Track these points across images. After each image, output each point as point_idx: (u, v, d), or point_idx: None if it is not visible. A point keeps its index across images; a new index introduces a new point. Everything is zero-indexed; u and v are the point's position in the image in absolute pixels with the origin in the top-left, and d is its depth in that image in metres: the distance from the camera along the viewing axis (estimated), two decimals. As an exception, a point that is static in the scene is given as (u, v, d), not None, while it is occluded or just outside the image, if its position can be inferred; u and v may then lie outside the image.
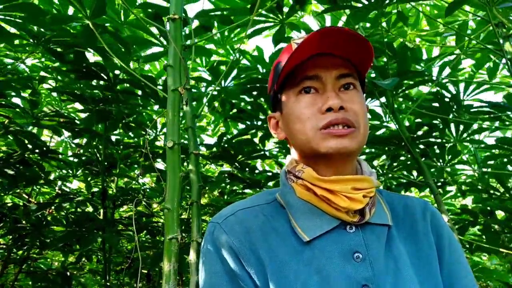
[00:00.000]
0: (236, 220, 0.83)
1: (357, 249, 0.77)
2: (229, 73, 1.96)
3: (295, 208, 0.82)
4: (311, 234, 0.78)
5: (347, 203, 0.77)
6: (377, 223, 0.81)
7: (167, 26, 1.28)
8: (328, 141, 0.78)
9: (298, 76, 0.83)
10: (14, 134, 2.08)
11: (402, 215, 0.88)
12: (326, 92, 0.81)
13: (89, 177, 2.72)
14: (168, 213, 1.16)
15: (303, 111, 0.81)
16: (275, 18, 1.66)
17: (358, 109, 0.81)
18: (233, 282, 0.78)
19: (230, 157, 2.37)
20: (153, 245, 2.79)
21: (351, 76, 0.83)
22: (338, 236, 0.78)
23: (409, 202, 0.91)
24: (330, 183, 0.79)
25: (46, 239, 2.35)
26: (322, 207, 0.80)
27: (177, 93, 1.24)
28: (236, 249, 0.79)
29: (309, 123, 0.80)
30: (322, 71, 0.82)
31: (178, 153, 1.22)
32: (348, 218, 0.78)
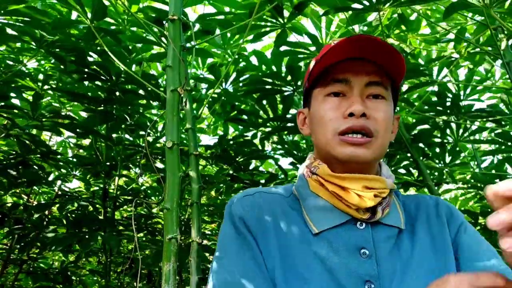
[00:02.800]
0: (253, 200, 0.87)
1: (365, 246, 0.78)
2: (230, 75, 1.97)
3: (308, 201, 0.85)
4: (321, 226, 0.80)
5: (358, 201, 0.78)
6: (388, 224, 0.82)
7: (167, 27, 1.29)
8: (344, 148, 0.80)
9: (328, 77, 0.84)
10: (16, 137, 2.09)
11: (415, 213, 0.88)
12: (352, 97, 0.82)
13: (88, 176, 2.73)
14: (167, 213, 1.17)
15: (327, 113, 0.83)
16: (276, 22, 1.67)
17: (381, 119, 0.81)
18: (242, 246, 0.81)
19: (230, 158, 2.38)
20: (153, 245, 2.80)
21: (381, 85, 0.83)
22: (347, 231, 0.80)
23: (421, 200, 0.92)
24: (342, 180, 0.81)
25: (47, 239, 2.36)
26: (334, 202, 0.82)
27: (176, 94, 1.25)
28: (247, 223, 0.83)
29: (330, 126, 0.82)
30: (352, 75, 0.83)
31: (177, 153, 1.23)
32: (358, 215, 0.79)
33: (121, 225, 2.69)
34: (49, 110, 2.15)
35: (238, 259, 0.79)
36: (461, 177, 2.83)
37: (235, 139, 2.38)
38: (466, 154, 2.88)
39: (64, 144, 2.96)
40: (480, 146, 3.03)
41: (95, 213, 2.60)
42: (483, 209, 2.55)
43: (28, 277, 2.83)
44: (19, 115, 2.08)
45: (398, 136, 2.10)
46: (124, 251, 3.16)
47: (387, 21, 1.98)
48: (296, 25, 1.72)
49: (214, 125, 2.72)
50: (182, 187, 2.48)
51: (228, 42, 2.02)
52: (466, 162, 2.78)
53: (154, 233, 2.79)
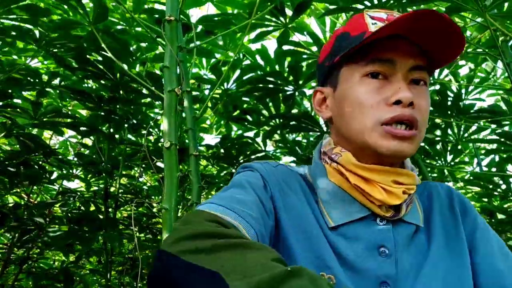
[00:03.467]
0: (276, 170, 0.80)
1: (385, 244, 0.72)
2: (232, 74, 1.97)
3: (325, 191, 0.76)
4: (338, 220, 0.73)
5: (383, 196, 0.71)
6: (408, 222, 0.75)
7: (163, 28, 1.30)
8: (388, 141, 0.70)
9: (369, 55, 0.73)
10: (17, 137, 2.10)
11: (428, 205, 0.81)
12: (397, 82, 0.71)
13: (89, 176, 2.73)
14: (165, 213, 1.18)
15: (366, 96, 0.72)
16: (278, 22, 1.67)
17: (426, 108, 0.73)
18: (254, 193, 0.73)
19: (231, 158, 2.38)
20: (154, 245, 2.81)
21: (426, 70, 0.74)
22: (366, 227, 0.73)
23: (433, 189, 0.84)
24: (370, 171, 0.73)
25: (49, 239, 2.36)
26: (354, 195, 0.74)
27: (174, 94, 1.25)
28: (268, 184, 0.76)
29: (371, 113, 0.71)
30: (398, 56, 0.72)
31: (175, 153, 1.23)
32: (380, 212, 0.72)
33: (122, 225, 2.70)
34: (50, 109, 2.15)
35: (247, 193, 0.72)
36: (461, 176, 2.83)
37: (237, 139, 2.38)
38: (467, 154, 2.88)
39: (66, 144, 2.96)
40: (480, 146, 3.02)
41: (96, 212, 2.60)
42: (484, 208, 2.54)
43: (28, 277, 2.83)
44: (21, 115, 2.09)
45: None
46: (125, 250, 3.16)
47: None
48: (299, 25, 1.72)
49: (217, 124, 2.73)
50: (184, 186, 2.48)
51: (230, 42, 2.03)
52: (467, 161, 2.78)
53: (156, 233, 2.79)
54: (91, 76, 1.93)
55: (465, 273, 0.73)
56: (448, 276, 0.71)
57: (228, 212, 0.64)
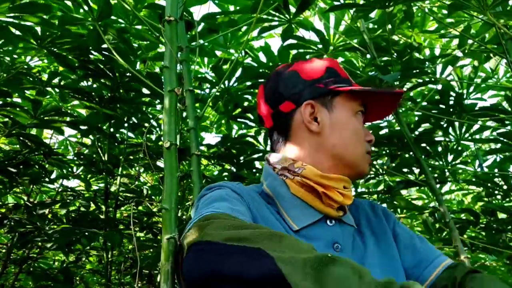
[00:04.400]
0: (239, 186, 0.92)
1: (337, 240, 0.86)
2: (233, 73, 1.96)
3: (286, 200, 0.89)
4: (301, 223, 0.86)
5: (341, 198, 0.87)
6: (348, 223, 0.91)
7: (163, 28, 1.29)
8: (366, 165, 0.95)
9: (359, 99, 0.97)
10: (17, 136, 2.08)
11: (356, 214, 0.98)
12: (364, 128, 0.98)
13: (89, 176, 2.72)
14: (165, 213, 1.16)
15: (361, 131, 0.95)
16: (282, 17, 1.66)
17: None
18: (240, 201, 0.86)
19: (232, 157, 2.37)
20: (154, 245, 2.80)
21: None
22: (321, 228, 0.87)
23: (357, 203, 1.03)
24: (330, 180, 0.88)
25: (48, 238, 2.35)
26: (312, 203, 0.88)
27: (173, 94, 1.24)
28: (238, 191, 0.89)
29: (362, 144, 0.95)
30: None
31: (175, 153, 1.22)
32: (335, 214, 0.88)
33: (122, 224, 2.69)
34: (50, 108, 2.14)
35: (234, 201, 0.84)
36: (463, 176, 2.82)
37: (238, 138, 2.37)
38: (469, 153, 2.87)
39: (66, 143, 2.95)
40: (481, 146, 3.02)
41: (96, 212, 2.59)
42: (484, 208, 2.53)
43: (28, 276, 2.82)
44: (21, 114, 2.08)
45: (399, 134, 2.09)
46: (125, 250, 3.15)
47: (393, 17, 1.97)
48: (303, 21, 1.71)
49: (218, 123, 2.71)
50: (184, 186, 2.47)
51: (232, 39, 2.01)
52: (469, 161, 2.77)
53: (156, 232, 2.78)
54: (91, 75, 1.92)
55: (395, 262, 0.91)
56: (384, 267, 0.88)
57: (236, 214, 0.75)
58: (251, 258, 0.58)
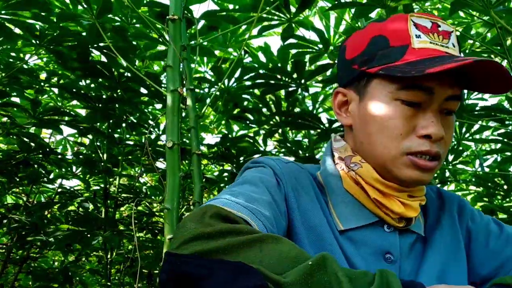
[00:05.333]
0: (289, 167, 0.79)
1: (390, 250, 0.73)
2: (233, 73, 1.96)
3: (336, 195, 0.77)
4: (348, 224, 0.74)
5: (402, 209, 0.72)
6: (413, 231, 0.76)
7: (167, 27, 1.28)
8: (411, 171, 0.70)
9: (409, 79, 0.68)
10: (17, 136, 2.08)
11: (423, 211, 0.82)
12: (430, 112, 0.69)
13: (88, 176, 2.71)
14: (167, 213, 1.16)
15: (397, 123, 0.69)
16: (282, 16, 1.66)
17: (449, 140, 0.72)
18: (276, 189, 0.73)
19: (232, 157, 2.37)
20: (154, 245, 2.79)
21: (460, 100, 0.71)
22: (373, 233, 0.74)
23: (427, 196, 0.82)
24: (388, 187, 0.73)
25: (48, 238, 2.35)
26: (367, 203, 0.75)
27: (177, 94, 1.24)
28: (280, 176, 0.76)
29: (397, 141, 0.70)
30: (439, 85, 0.68)
31: (178, 153, 1.22)
32: (394, 223, 0.74)
33: (122, 224, 2.68)
34: (49, 108, 2.13)
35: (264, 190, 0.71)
36: (463, 176, 2.82)
37: (238, 138, 2.36)
38: (469, 153, 2.87)
39: (64, 142, 2.94)
40: (480, 146, 3.02)
41: (96, 212, 2.58)
42: (485, 208, 2.53)
43: (28, 276, 2.81)
44: (20, 114, 2.07)
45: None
46: (125, 250, 3.15)
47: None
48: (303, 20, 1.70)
49: (218, 123, 2.71)
50: (184, 186, 2.47)
51: (231, 38, 2.01)
52: (469, 161, 2.77)
53: (155, 232, 2.78)
54: (89, 75, 1.91)
55: (460, 272, 0.76)
56: (443, 278, 0.73)
57: (241, 208, 0.63)
58: (232, 273, 0.50)
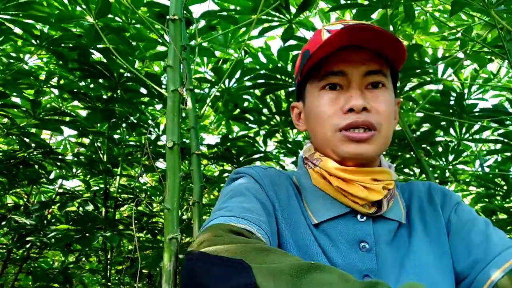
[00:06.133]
0: (268, 172, 0.86)
1: (365, 239, 0.76)
2: (233, 73, 1.96)
3: (308, 192, 0.82)
4: (320, 217, 0.78)
5: (365, 193, 0.75)
6: (390, 218, 0.79)
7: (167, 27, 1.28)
8: (347, 145, 0.76)
9: (322, 70, 0.79)
10: (17, 136, 2.08)
11: (408, 202, 0.86)
12: (350, 90, 0.77)
13: (88, 176, 2.72)
14: (167, 213, 1.16)
15: (324, 108, 0.78)
16: (282, 18, 1.66)
17: (383, 110, 0.77)
18: (260, 191, 0.80)
19: (232, 158, 2.37)
20: (154, 245, 2.79)
21: (381, 73, 0.78)
22: (347, 223, 0.77)
23: (414, 187, 0.89)
24: (349, 173, 0.77)
25: (48, 239, 2.35)
26: (337, 197, 0.79)
27: (177, 94, 1.24)
28: (260, 181, 0.82)
29: (329, 123, 0.77)
30: (349, 66, 0.77)
31: (178, 153, 1.21)
32: (365, 211, 0.76)
33: (122, 224, 2.68)
34: (49, 109, 2.13)
35: (251, 198, 0.77)
36: (463, 177, 2.81)
37: (238, 138, 2.36)
38: (469, 153, 2.87)
39: (65, 143, 2.94)
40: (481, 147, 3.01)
41: (96, 212, 2.58)
42: (485, 208, 2.53)
43: (28, 276, 2.82)
44: (20, 114, 2.07)
45: (401, 135, 2.09)
46: (125, 250, 3.15)
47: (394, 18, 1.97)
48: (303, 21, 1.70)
49: (218, 123, 2.71)
50: (184, 186, 2.46)
51: (232, 39, 2.01)
52: (469, 161, 2.77)
53: (155, 232, 2.77)
54: (89, 76, 1.91)
55: (445, 262, 0.78)
56: (430, 267, 0.76)
57: (241, 220, 0.69)
58: (231, 268, 0.56)
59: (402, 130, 2.03)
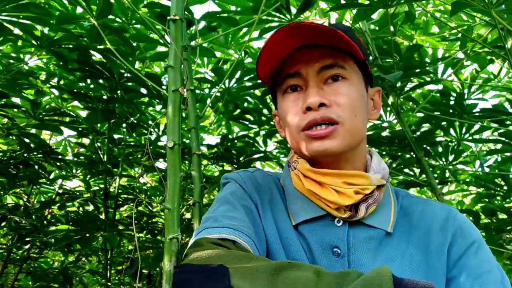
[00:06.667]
0: (254, 176, 0.89)
1: (337, 245, 0.74)
2: (233, 74, 1.96)
3: (289, 194, 0.84)
4: (297, 219, 0.79)
5: (335, 197, 0.74)
6: (372, 225, 0.76)
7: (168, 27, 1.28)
8: (310, 144, 0.76)
9: (281, 74, 0.80)
10: (17, 136, 2.07)
11: (417, 220, 0.80)
12: (309, 89, 0.77)
13: (88, 176, 2.72)
14: (168, 213, 1.16)
15: (288, 111, 0.80)
16: (282, 18, 1.66)
17: (343, 102, 0.75)
18: (245, 197, 0.83)
19: (232, 158, 2.37)
20: (154, 245, 2.79)
21: (336, 66, 0.77)
22: (323, 227, 0.77)
23: (429, 207, 0.83)
24: (321, 175, 0.77)
25: (48, 239, 2.35)
26: (313, 199, 0.79)
27: (178, 94, 1.24)
28: (247, 190, 0.84)
29: (293, 125, 0.79)
30: (302, 66, 0.77)
31: (179, 153, 1.21)
32: (337, 214, 0.75)
33: (122, 225, 2.68)
34: (49, 109, 2.13)
35: (237, 205, 0.80)
36: (463, 177, 2.82)
37: (238, 138, 2.36)
38: (469, 153, 2.87)
39: (65, 143, 2.94)
40: (481, 147, 3.02)
41: (96, 212, 2.58)
42: (485, 209, 2.53)
43: (28, 277, 2.82)
44: (20, 114, 2.07)
45: (401, 135, 2.09)
46: (125, 250, 3.14)
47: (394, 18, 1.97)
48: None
49: (218, 124, 2.71)
50: (184, 186, 2.46)
51: (232, 39, 2.01)
52: (469, 161, 2.77)
53: (155, 232, 2.77)
54: (90, 76, 1.91)
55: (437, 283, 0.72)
56: None
57: (225, 230, 0.71)
58: (209, 273, 0.59)
59: (402, 130, 2.03)
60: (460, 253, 0.75)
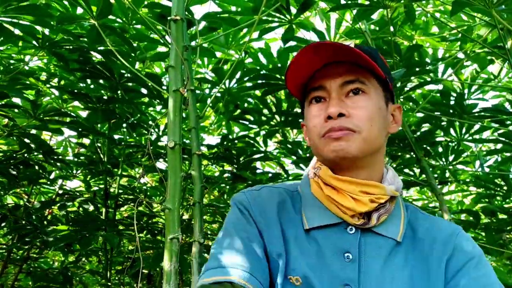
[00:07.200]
0: (259, 194, 0.92)
1: (349, 250, 0.79)
2: (234, 74, 1.96)
3: (306, 200, 0.88)
4: (311, 223, 0.83)
5: (352, 204, 0.80)
6: (382, 234, 0.82)
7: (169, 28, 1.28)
8: (328, 145, 0.82)
9: (308, 87, 0.89)
10: (17, 136, 2.08)
11: (421, 235, 0.85)
12: (331, 100, 0.84)
13: (89, 177, 2.72)
14: (168, 213, 1.16)
15: (312, 120, 0.86)
16: (282, 18, 1.66)
17: (361, 113, 0.82)
18: (243, 227, 0.85)
19: (232, 158, 2.37)
20: (154, 245, 2.79)
21: (358, 81, 0.84)
22: (336, 233, 0.82)
23: (435, 225, 0.87)
24: (340, 181, 0.82)
25: (48, 239, 2.35)
26: (329, 206, 0.84)
27: (179, 94, 1.24)
28: (251, 212, 0.87)
29: (315, 132, 0.85)
30: (327, 80, 0.85)
31: (179, 153, 1.22)
32: (351, 221, 0.81)
33: (122, 225, 2.68)
34: (49, 109, 2.13)
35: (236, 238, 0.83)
36: (463, 177, 2.82)
37: (238, 138, 2.36)
38: (469, 153, 2.87)
39: (65, 143, 2.94)
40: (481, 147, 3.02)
41: (96, 212, 2.58)
42: (485, 209, 2.53)
43: (28, 277, 2.82)
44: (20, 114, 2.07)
45: (401, 135, 2.09)
46: (124, 250, 3.14)
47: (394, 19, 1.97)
48: (303, 22, 1.71)
49: (218, 124, 2.71)
50: (184, 186, 2.46)
51: (232, 40, 2.01)
52: (469, 161, 2.77)
53: (155, 233, 2.77)
54: (90, 76, 1.91)
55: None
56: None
57: (226, 271, 0.76)
58: None
59: (402, 130, 2.04)
60: (459, 267, 0.80)
